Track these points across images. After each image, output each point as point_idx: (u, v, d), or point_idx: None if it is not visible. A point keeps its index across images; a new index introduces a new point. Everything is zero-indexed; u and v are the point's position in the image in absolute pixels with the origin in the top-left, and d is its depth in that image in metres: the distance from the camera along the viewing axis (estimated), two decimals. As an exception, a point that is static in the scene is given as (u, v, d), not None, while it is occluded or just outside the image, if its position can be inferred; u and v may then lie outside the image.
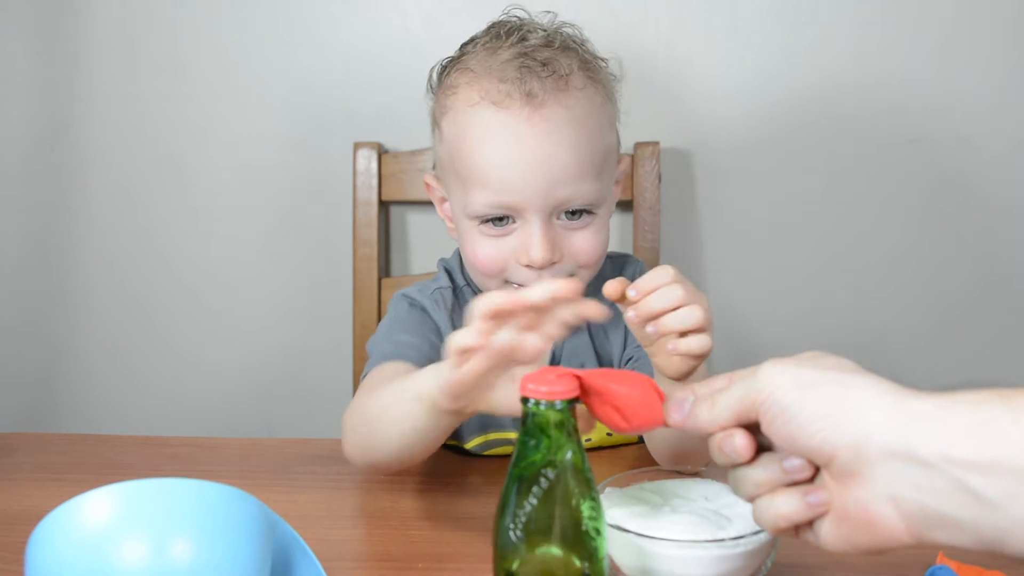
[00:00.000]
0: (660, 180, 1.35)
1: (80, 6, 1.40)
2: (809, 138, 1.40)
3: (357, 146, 1.38)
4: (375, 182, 1.37)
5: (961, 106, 1.39)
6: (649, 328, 0.80)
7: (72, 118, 1.43)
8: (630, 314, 0.80)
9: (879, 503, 0.49)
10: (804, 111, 1.40)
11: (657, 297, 0.79)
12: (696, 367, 0.84)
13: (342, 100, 1.41)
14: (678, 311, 0.79)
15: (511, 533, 0.56)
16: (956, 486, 0.46)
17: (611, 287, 0.79)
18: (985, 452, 0.46)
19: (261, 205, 1.45)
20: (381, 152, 1.38)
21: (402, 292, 1.06)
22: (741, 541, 0.64)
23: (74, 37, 1.41)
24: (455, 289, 1.06)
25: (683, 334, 0.80)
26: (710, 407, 0.57)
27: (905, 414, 0.48)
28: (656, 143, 1.35)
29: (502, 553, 0.57)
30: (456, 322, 1.01)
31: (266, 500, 0.63)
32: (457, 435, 1.04)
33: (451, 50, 1.06)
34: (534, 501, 0.55)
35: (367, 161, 1.37)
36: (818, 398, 0.51)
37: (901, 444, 0.48)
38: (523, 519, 0.55)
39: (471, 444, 1.04)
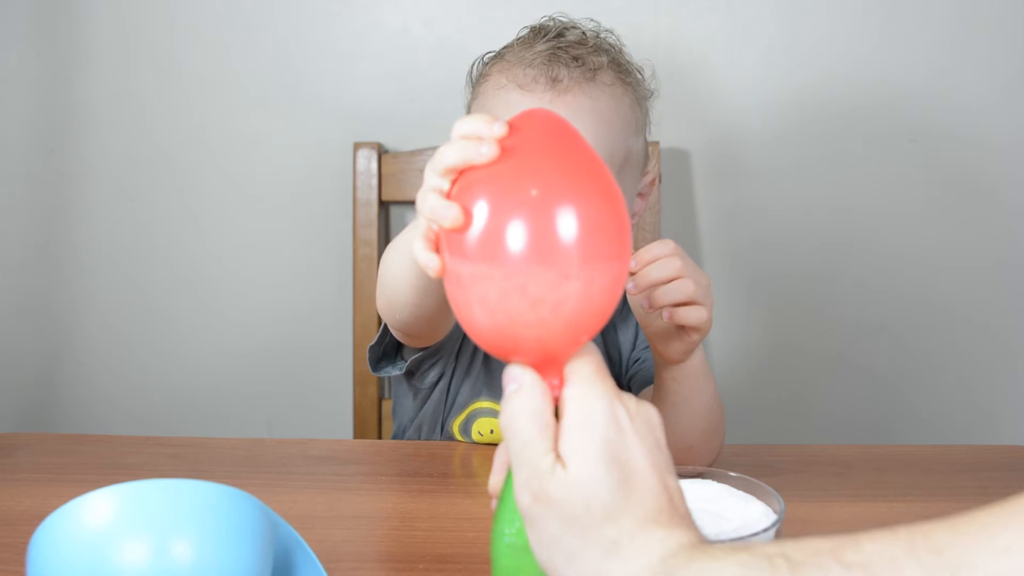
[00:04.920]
0: (660, 180, 1.35)
1: (79, 6, 1.40)
2: (809, 138, 1.40)
3: (357, 146, 1.38)
4: (375, 182, 1.37)
5: (962, 105, 1.39)
6: (643, 303, 0.81)
7: (71, 118, 1.43)
8: (629, 286, 0.82)
9: None
10: (804, 111, 1.40)
11: (656, 267, 0.81)
12: (693, 347, 0.85)
13: (342, 100, 1.41)
14: (670, 284, 0.81)
15: (506, 538, 0.55)
16: None
17: None
18: None
19: (261, 205, 1.45)
20: (381, 152, 1.38)
21: None
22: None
23: (73, 37, 1.41)
24: None
25: (678, 307, 0.82)
26: (503, 452, 0.58)
27: None
28: (656, 143, 1.35)
29: (498, 559, 0.57)
30: None
31: (267, 501, 0.63)
32: (443, 423, 1.05)
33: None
34: None
35: (367, 161, 1.37)
36: None
37: None
38: (519, 524, 0.55)
39: (457, 423, 1.04)
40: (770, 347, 1.47)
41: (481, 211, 0.51)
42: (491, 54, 1.03)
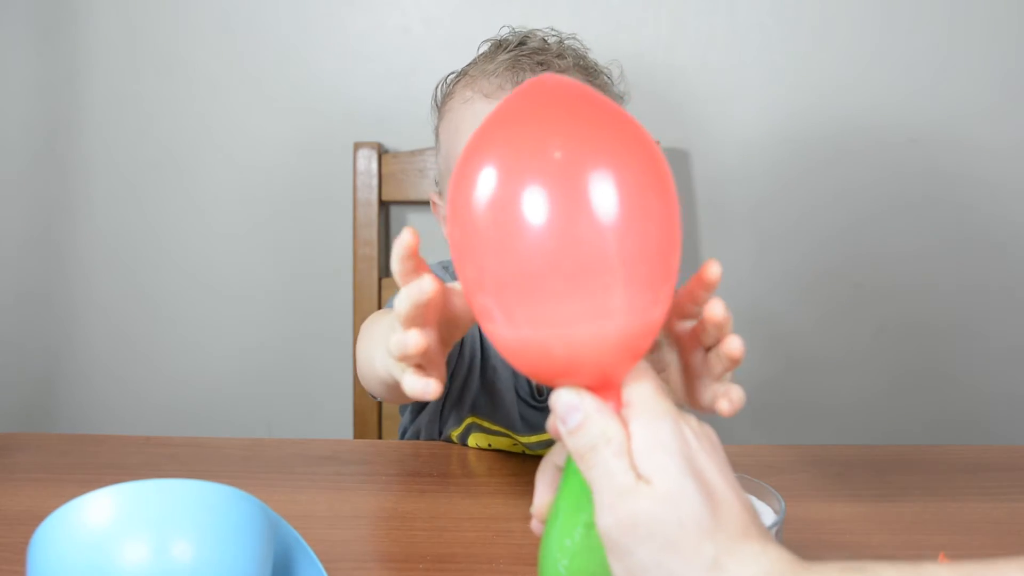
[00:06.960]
0: (660, 180, 1.35)
1: (81, 6, 1.40)
2: (809, 138, 1.40)
3: (357, 146, 1.38)
4: (375, 182, 1.37)
5: (961, 106, 1.39)
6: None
7: (72, 117, 1.43)
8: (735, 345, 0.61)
9: None
10: (803, 111, 1.40)
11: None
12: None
13: (342, 100, 1.41)
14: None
15: (560, 566, 0.54)
16: None
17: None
18: None
19: (261, 205, 1.45)
20: (381, 152, 1.38)
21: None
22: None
23: (75, 37, 1.41)
24: None
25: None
26: (548, 472, 0.58)
27: None
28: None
29: None
30: None
31: (267, 500, 0.63)
32: (440, 431, 1.06)
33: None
34: (582, 530, 0.53)
35: (367, 161, 1.37)
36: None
37: None
38: (570, 547, 0.54)
39: (455, 434, 1.05)
40: (770, 347, 1.47)
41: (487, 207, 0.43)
42: (454, 74, 1.02)
